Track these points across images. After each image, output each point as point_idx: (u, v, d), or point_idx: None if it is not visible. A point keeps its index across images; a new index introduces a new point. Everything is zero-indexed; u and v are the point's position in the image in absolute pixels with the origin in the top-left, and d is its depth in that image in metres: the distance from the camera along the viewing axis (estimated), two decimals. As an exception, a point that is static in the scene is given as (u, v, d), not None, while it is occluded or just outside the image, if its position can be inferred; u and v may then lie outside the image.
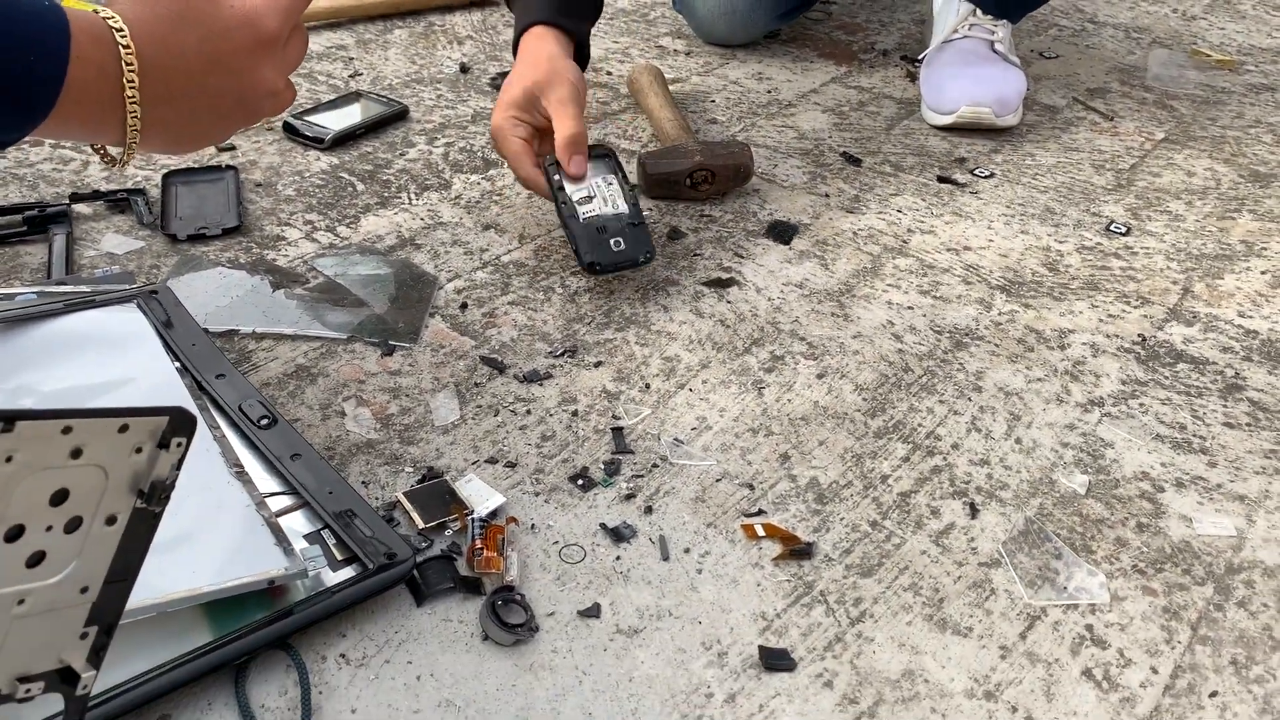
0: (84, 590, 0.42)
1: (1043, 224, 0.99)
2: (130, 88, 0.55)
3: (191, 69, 0.58)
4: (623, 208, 0.84)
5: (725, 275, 0.88)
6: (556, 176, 0.84)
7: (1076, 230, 0.99)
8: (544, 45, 0.89)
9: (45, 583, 0.40)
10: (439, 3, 1.34)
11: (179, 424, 0.41)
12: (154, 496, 0.42)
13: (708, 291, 0.86)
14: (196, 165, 0.96)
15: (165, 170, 0.94)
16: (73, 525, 0.40)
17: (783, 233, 0.95)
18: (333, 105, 1.08)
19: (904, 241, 0.95)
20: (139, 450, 0.41)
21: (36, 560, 0.39)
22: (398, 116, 1.08)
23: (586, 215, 0.82)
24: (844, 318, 0.84)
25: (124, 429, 0.39)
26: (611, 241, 0.82)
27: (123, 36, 0.54)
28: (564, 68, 0.87)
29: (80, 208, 0.90)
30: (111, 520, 0.41)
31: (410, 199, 0.96)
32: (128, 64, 0.54)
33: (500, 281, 0.85)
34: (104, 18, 0.54)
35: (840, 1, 1.50)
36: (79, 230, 0.87)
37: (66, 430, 0.37)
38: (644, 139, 1.09)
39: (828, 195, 1.01)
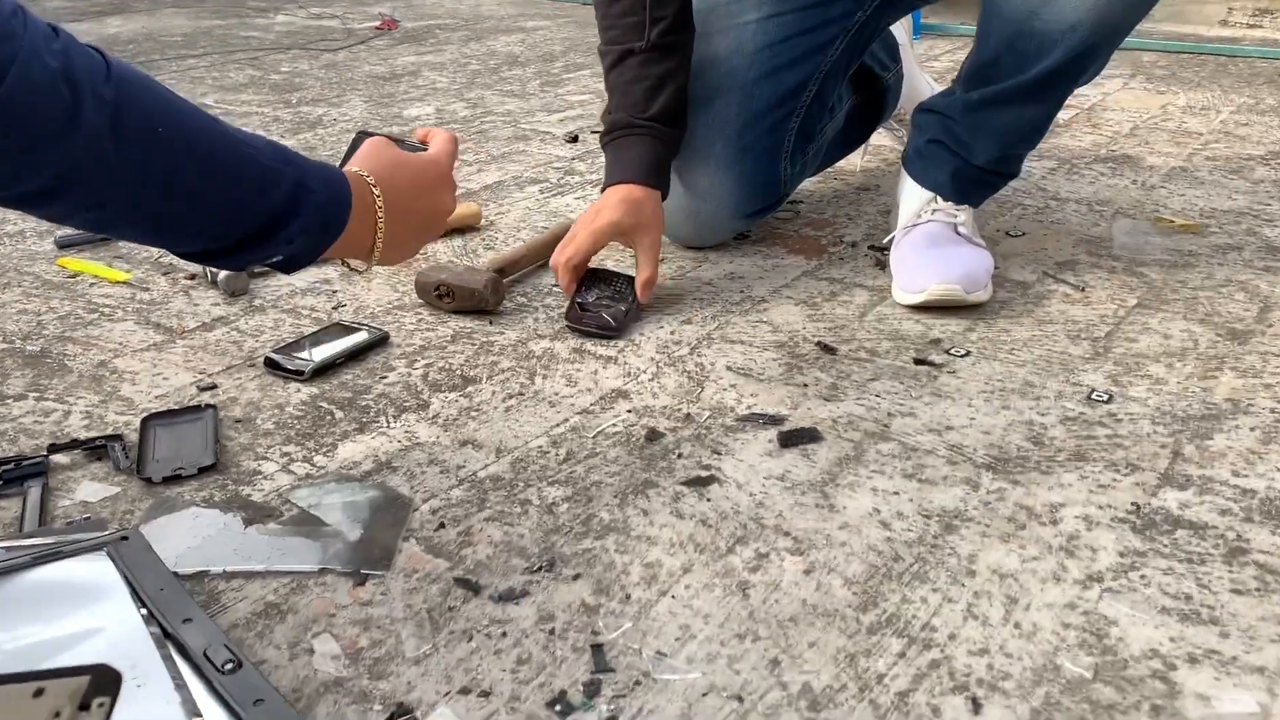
0: None
1: (1023, 398, 0.99)
2: (380, 213, 0.80)
3: (406, 198, 0.83)
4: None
5: (705, 473, 0.87)
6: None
7: (1058, 401, 0.98)
8: (645, 199, 1.18)
9: None
10: (419, 232, 1.39)
11: (101, 683, 0.39)
12: (75, 764, 0.39)
13: (687, 491, 0.85)
14: (176, 407, 0.97)
15: (145, 414, 0.95)
16: (-18, 804, 0.37)
17: (762, 425, 0.94)
18: (314, 338, 1.10)
19: (885, 426, 0.94)
20: (57, 715, 0.38)
21: None
22: (378, 343, 1.10)
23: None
24: (829, 508, 0.82)
25: (39, 693, 0.37)
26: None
27: (373, 182, 0.80)
28: (658, 222, 1.18)
29: (58, 458, 0.90)
30: (28, 794, 0.38)
31: (388, 422, 0.96)
32: (378, 197, 0.80)
33: (477, 498, 0.84)
34: (359, 172, 0.80)
35: (807, 200, 1.55)
36: (55, 480, 0.87)
37: (-30, 701, 0.35)
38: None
39: (805, 385, 1.01)
